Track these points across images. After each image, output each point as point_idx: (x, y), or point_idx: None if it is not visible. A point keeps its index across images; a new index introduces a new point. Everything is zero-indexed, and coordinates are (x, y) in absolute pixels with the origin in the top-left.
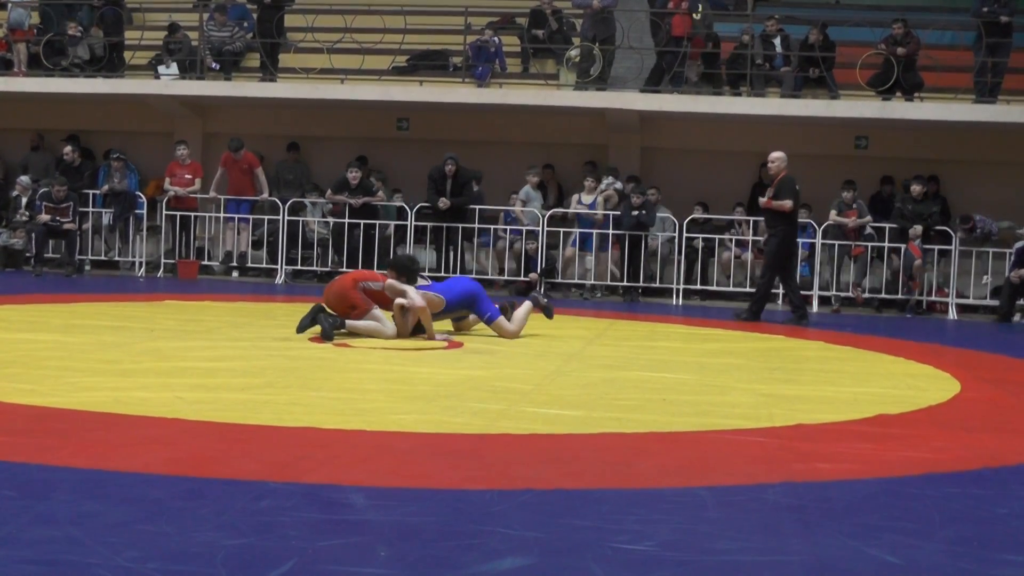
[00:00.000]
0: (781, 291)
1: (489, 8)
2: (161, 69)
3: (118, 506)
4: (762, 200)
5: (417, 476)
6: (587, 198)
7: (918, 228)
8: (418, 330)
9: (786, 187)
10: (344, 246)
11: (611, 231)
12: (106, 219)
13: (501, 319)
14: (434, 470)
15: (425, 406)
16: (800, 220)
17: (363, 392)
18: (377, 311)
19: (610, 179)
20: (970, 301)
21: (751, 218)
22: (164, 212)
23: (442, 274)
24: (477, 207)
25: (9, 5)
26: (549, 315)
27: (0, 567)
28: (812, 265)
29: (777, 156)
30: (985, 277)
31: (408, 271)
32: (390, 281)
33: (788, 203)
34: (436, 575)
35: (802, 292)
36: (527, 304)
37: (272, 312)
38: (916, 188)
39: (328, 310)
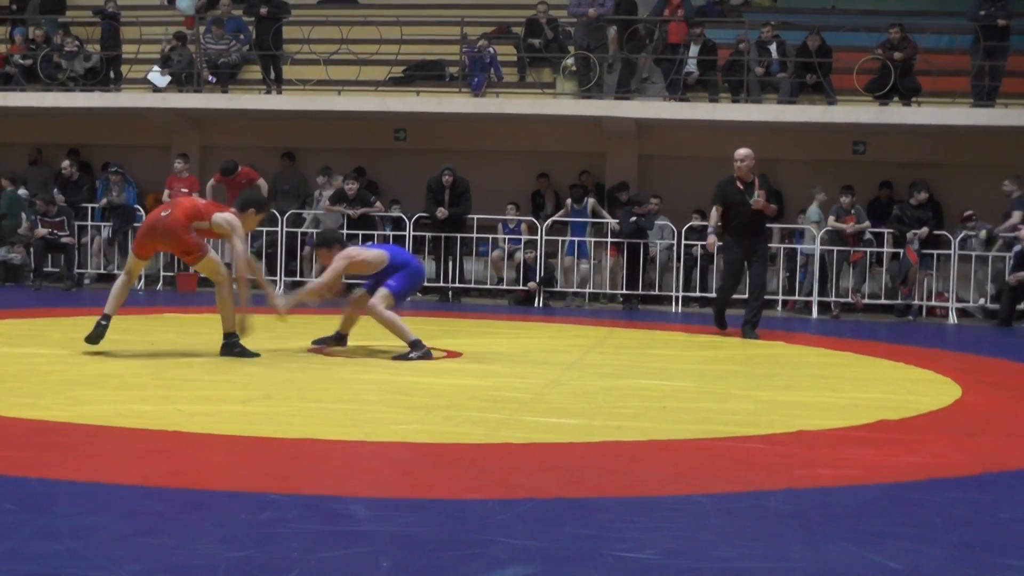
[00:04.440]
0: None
1: (485, 18)
2: (153, 77)
3: (119, 519)
4: (758, 201)
5: (418, 486)
6: (576, 205)
7: (923, 231)
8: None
9: (770, 187)
10: None
11: (610, 239)
12: (105, 232)
13: (386, 295)
14: (435, 480)
15: (425, 416)
16: (798, 226)
17: (363, 403)
18: (213, 256)
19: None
20: (970, 305)
21: None
22: None
23: (441, 284)
24: (475, 216)
25: None
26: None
27: None
28: (810, 271)
29: (750, 154)
30: (982, 299)
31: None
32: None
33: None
34: None
35: (801, 298)
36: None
37: (270, 324)
38: (920, 196)
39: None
